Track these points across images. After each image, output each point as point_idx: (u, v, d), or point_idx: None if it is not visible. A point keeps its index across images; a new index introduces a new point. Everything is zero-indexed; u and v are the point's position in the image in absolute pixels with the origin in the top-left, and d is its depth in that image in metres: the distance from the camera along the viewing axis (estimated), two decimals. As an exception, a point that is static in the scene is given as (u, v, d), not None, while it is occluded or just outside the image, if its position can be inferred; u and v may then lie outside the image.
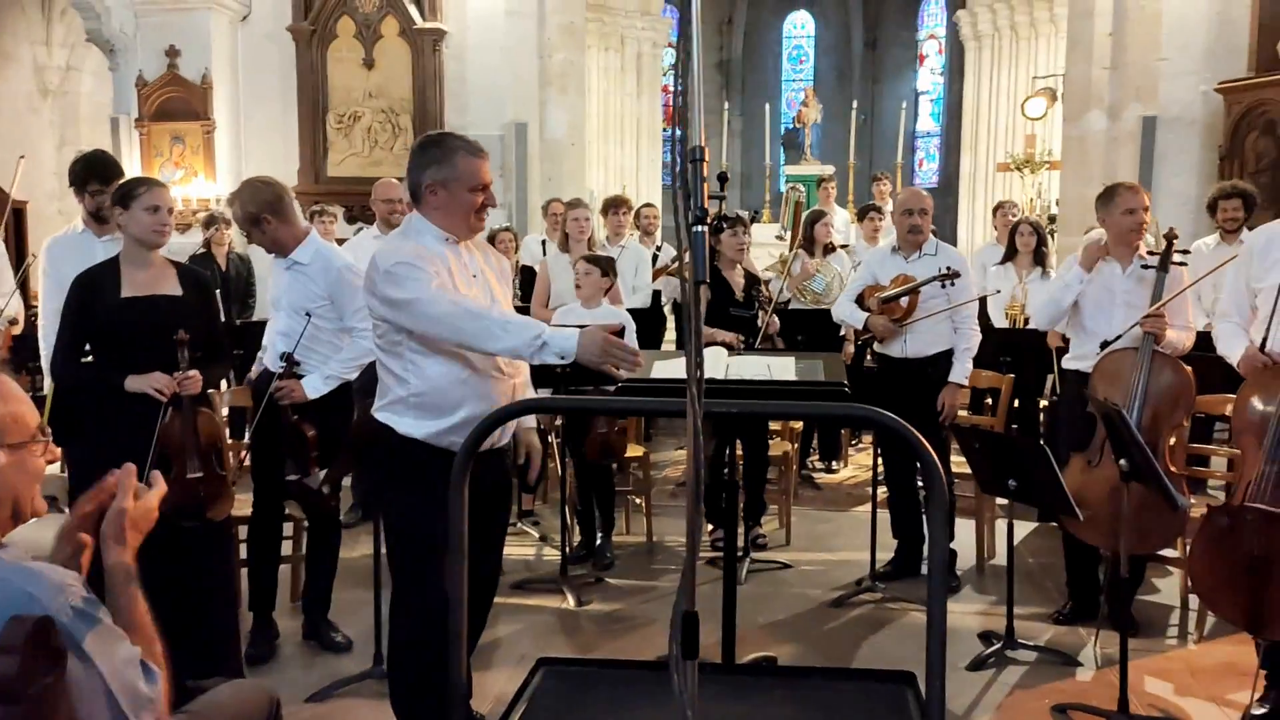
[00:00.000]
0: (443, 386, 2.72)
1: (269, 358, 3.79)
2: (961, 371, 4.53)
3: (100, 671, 1.61)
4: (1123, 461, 3.24)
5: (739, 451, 4.95)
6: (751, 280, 5.17)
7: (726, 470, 3.71)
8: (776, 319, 5.11)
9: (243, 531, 3.95)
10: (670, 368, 2.93)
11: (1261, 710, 3.23)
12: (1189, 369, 3.74)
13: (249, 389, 3.94)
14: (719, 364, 3.12)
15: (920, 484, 4.54)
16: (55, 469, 5.68)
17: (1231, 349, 3.38)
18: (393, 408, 2.78)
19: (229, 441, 3.88)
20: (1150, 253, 3.96)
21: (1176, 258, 3.90)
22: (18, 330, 6.12)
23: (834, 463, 6.74)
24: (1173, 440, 3.90)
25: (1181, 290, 3.88)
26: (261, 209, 3.62)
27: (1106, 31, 8.72)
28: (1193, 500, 4.14)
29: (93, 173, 4.16)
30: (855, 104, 14.04)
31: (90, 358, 3.35)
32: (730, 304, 5.02)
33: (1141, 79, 8.40)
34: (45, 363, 4.27)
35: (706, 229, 1.52)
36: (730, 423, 4.52)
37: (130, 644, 1.69)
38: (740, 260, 5.13)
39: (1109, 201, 3.98)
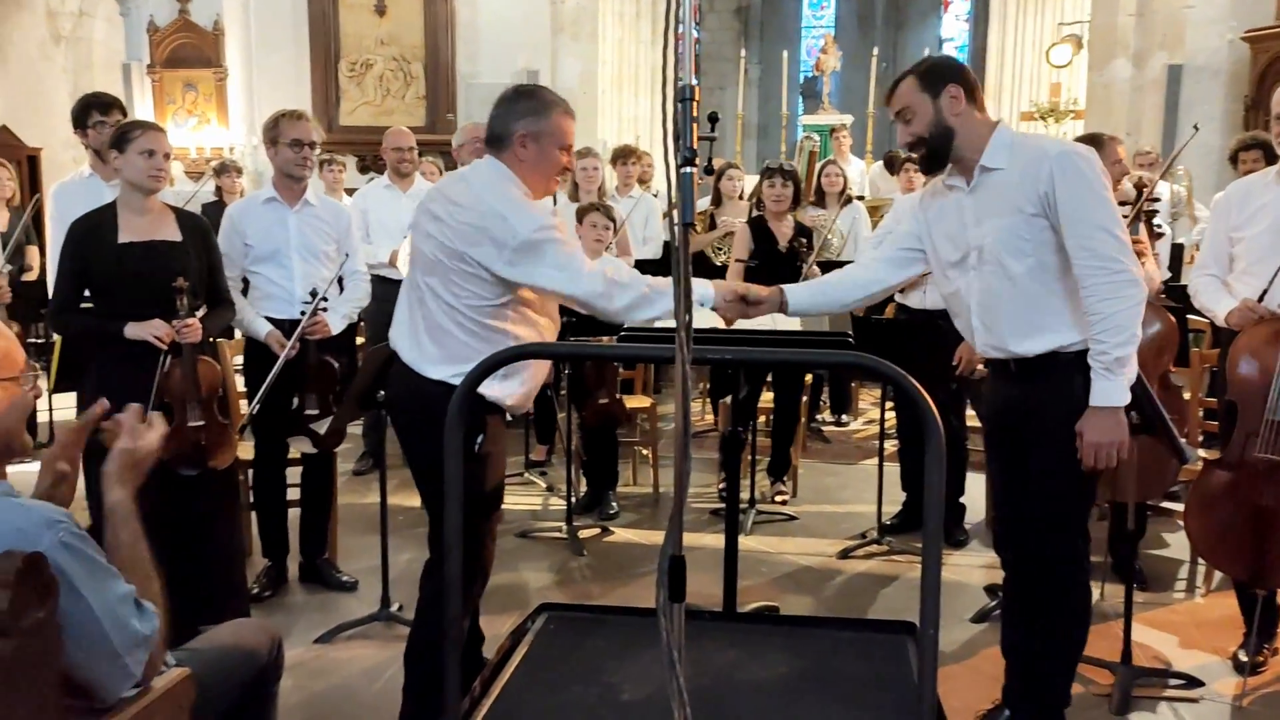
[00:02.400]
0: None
1: (278, 308, 3.79)
2: None
3: (92, 606, 1.63)
4: (1133, 414, 3.20)
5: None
6: (801, 230, 5.10)
7: (741, 425, 3.68)
8: (818, 269, 5.06)
9: (250, 479, 4.00)
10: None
11: (1245, 657, 3.24)
12: (1172, 317, 3.71)
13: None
14: (723, 313, 3.09)
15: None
16: (69, 415, 5.73)
17: (1215, 303, 3.34)
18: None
19: (240, 391, 3.89)
20: (1123, 203, 3.87)
21: (1149, 207, 3.84)
22: (32, 276, 6.16)
23: (844, 415, 6.72)
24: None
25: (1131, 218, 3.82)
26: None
27: (1133, -23, 8.54)
28: (1203, 454, 4.11)
29: (91, 104, 4.11)
30: (877, 51, 13.77)
31: (90, 304, 3.33)
32: (772, 254, 4.98)
33: (1168, 26, 8.23)
34: None
35: (695, 170, 1.49)
36: (757, 375, 4.54)
37: (124, 582, 1.70)
38: (782, 211, 5.05)
39: (1098, 151, 3.87)
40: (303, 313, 3.68)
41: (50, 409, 5.91)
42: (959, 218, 2.64)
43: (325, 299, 3.72)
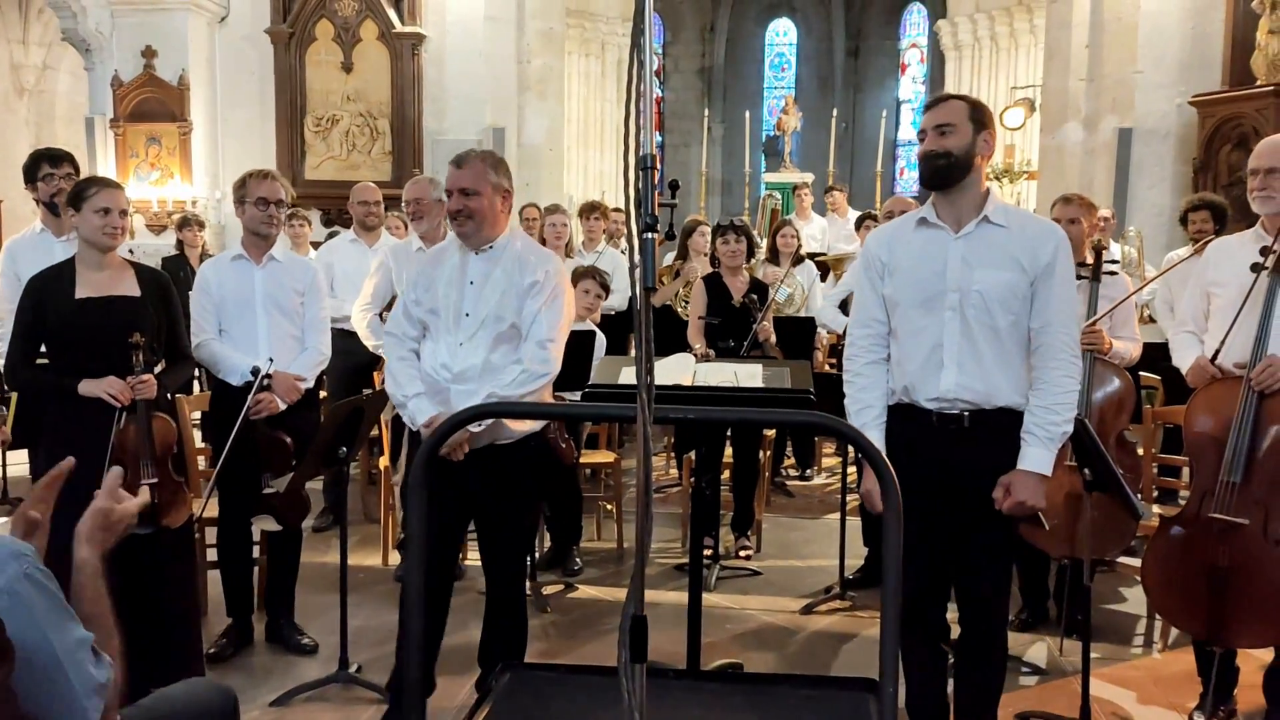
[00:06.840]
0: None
1: (242, 370, 3.71)
2: None
3: (52, 643, 1.60)
4: (1086, 471, 3.25)
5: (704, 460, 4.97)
6: (756, 286, 5.18)
7: (705, 480, 3.70)
8: (770, 326, 5.12)
9: (211, 536, 3.94)
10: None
11: (1203, 718, 3.26)
12: (1128, 375, 3.80)
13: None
14: (685, 370, 3.12)
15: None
16: (21, 472, 5.63)
17: (1183, 360, 3.39)
18: None
19: (199, 447, 3.84)
20: (1080, 264, 3.96)
21: (1106, 267, 3.95)
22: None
23: (808, 470, 6.75)
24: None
25: (1126, 298, 3.92)
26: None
27: (1084, 44, 8.82)
28: (1158, 510, 4.18)
29: (41, 157, 4.11)
30: (836, 112, 14.09)
31: (46, 360, 3.28)
32: (726, 310, 5.05)
33: (1117, 91, 8.49)
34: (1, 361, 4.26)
35: (656, 236, 1.53)
36: (718, 431, 4.57)
37: (84, 629, 1.68)
38: (736, 266, 5.15)
39: (1087, 215, 4.02)
40: (249, 385, 3.60)
41: (4, 464, 5.80)
42: (941, 257, 2.69)
43: (269, 376, 3.64)
